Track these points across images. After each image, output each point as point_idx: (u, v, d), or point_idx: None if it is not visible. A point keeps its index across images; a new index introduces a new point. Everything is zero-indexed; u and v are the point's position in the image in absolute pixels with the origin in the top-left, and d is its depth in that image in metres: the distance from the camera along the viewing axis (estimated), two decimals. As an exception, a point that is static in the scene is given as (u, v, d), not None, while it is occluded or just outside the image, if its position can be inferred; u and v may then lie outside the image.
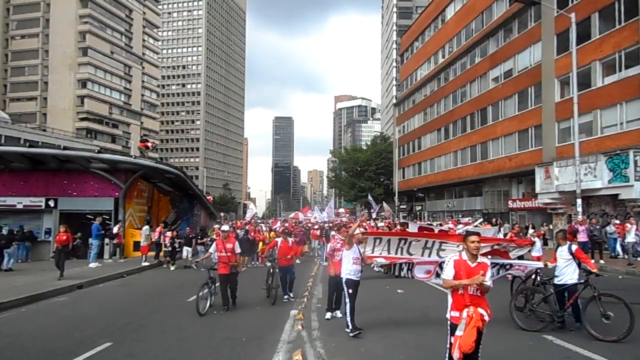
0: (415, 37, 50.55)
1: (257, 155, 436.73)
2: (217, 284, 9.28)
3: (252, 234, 18.71)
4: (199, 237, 19.15)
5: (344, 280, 7.42)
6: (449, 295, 4.56)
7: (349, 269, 7.46)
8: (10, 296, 10.48)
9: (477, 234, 4.64)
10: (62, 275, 13.24)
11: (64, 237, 14.07)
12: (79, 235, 18.21)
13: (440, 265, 7.44)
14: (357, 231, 7.88)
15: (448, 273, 4.48)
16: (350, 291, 7.31)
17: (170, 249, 17.26)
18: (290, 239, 10.80)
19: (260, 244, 18.25)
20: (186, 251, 18.70)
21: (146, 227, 18.23)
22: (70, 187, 19.78)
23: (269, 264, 11.25)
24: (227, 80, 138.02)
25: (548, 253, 12.08)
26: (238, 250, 9.45)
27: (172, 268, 16.80)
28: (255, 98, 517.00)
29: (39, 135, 53.73)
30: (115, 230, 18.67)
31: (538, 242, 11.93)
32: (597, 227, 17.37)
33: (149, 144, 26.51)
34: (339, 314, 8.33)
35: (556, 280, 7.61)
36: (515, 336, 7.30)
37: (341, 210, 47.20)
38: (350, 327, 7.13)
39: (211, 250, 9.53)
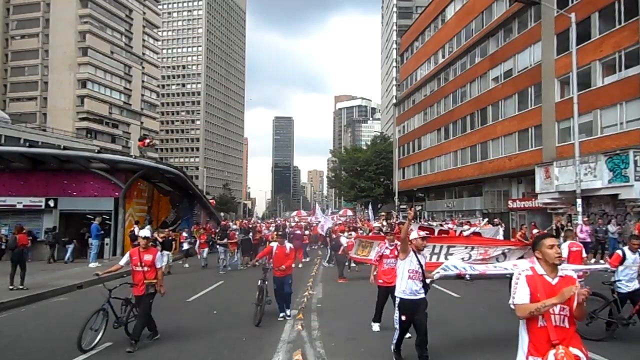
0: (415, 37, 50.54)
1: (257, 155, 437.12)
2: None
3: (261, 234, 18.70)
4: (219, 237, 17.75)
5: (397, 301, 5.78)
6: (521, 330, 3.13)
7: (403, 287, 5.67)
8: (10, 296, 10.49)
9: (552, 236, 3.23)
10: (13, 284, 11.38)
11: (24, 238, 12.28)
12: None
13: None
14: (415, 234, 5.95)
15: (521, 295, 3.03)
16: (404, 318, 5.59)
17: None
18: (288, 245, 8.96)
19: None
20: (167, 256, 15.85)
21: (148, 226, 18.12)
22: (70, 187, 19.77)
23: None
24: (227, 80, 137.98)
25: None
26: (160, 263, 7.12)
27: None
28: (256, 98, 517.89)
29: (39, 135, 53.71)
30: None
31: None
32: (603, 227, 17.27)
33: (147, 140, 26.34)
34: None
35: (627, 288, 7.24)
36: (516, 336, 7.30)
37: (349, 212, 47.15)
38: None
39: (122, 262, 7.20)
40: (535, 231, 17.92)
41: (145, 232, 7.38)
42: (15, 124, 53.56)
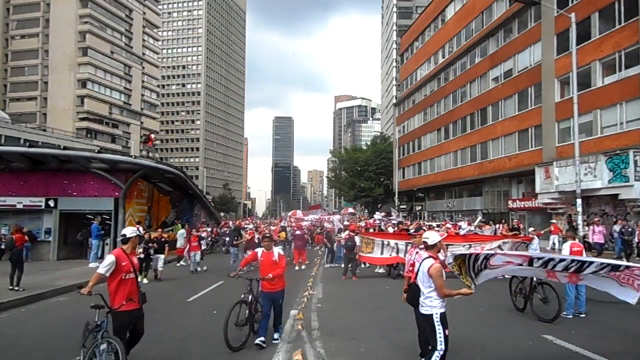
0: (415, 37, 50.56)
1: (257, 155, 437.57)
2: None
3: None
4: (235, 237, 16.96)
5: (436, 316, 4.81)
6: None
7: (440, 299, 4.86)
8: (10, 296, 10.49)
9: None
10: (18, 284, 11.26)
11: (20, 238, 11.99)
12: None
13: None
14: (438, 237, 5.28)
15: None
16: (447, 332, 4.82)
17: (143, 255, 13.56)
18: (277, 250, 7.17)
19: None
20: (159, 259, 14.51)
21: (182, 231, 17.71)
22: (70, 187, 19.77)
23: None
24: (227, 80, 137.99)
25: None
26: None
27: (144, 281, 13.20)
28: (257, 98, 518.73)
29: (39, 135, 53.68)
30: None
31: (536, 241, 12.07)
32: (629, 229, 16.74)
33: (152, 136, 26.17)
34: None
35: None
36: (516, 336, 7.31)
37: (350, 210, 46.94)
38: None
39: (103, 270, 5.13)
40: (531, 229, 17.86)
41: (136, 230, 5.77)
42: (15, 124, 53.54)
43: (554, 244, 19.37)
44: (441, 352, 4.73)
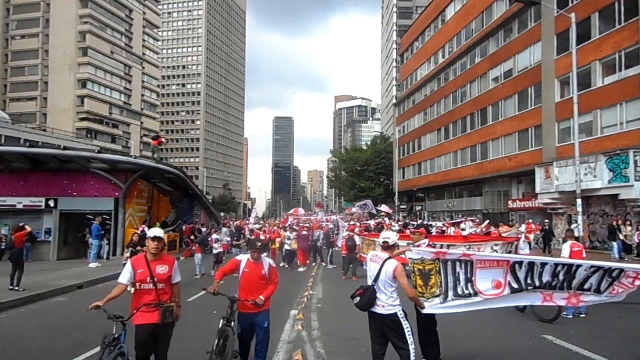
0: (415, 37, 50.56)
1: (257, 155, 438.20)
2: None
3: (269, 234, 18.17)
4: (235, 237, 16.74)
5: (400, 313, 4.88)
6: None
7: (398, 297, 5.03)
8: (10, 296, 10.48)
9: None
10: (18, 284, 11.24)
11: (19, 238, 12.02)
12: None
13: (515, 274, 5.34)
14: (396, 238, 5.35)
15: None
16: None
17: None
18: (267, 261, 5.56)
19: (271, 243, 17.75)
20: None
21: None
22: (70, 187, 19.78)
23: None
24: (227, 80, 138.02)
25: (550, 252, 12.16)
26: (178, 278, 4.87)
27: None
28: (259, 98, 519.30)
29: (39, 135, 53.68)
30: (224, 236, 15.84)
31: (523, 240, 12.16)
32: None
33: (162, 140, 26.15)
34: None
35: None
36: (516, 336, 7.31)
37: (353, 209, 46.97)
38: None
39: (124, 279, 4.69)
40: (523, 228, 17.64)
41: (157, 231, 4.90)
42: (15, 124, 53.55)
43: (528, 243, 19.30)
44: (412, 346, 4.75)
